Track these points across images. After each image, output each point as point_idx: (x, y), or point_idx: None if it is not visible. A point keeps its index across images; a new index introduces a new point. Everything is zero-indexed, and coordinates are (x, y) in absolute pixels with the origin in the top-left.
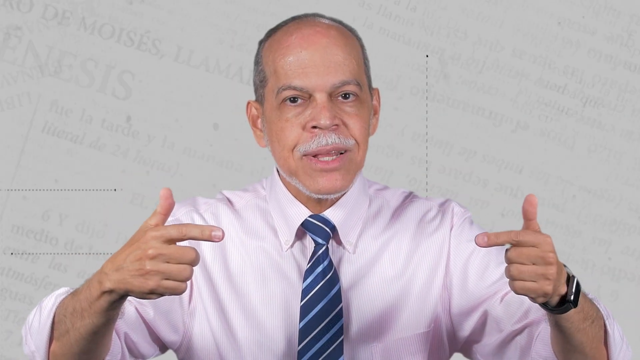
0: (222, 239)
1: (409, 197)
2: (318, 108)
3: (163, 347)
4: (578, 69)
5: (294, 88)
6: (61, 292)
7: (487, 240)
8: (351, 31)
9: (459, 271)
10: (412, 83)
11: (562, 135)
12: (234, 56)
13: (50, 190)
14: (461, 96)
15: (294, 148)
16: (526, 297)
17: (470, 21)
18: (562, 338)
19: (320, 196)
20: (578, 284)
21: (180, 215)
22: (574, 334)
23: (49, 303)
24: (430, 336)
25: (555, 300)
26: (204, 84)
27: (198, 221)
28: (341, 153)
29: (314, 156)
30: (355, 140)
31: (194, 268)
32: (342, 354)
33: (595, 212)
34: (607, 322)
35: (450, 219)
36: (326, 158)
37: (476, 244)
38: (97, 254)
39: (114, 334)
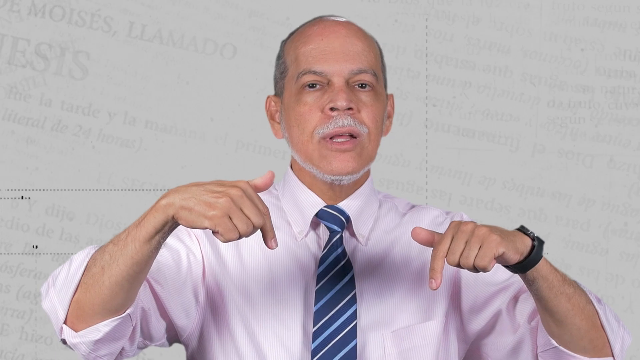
0: (274, 248)
1: (416, 206)
2: (336, 90)
3: (171, 336)
4: (589, 86)
5: (314, 72)
6: (96, 246)
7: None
8: (373, 38)
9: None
10: (424, 116)
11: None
12: (186, 26)
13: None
14: (475, 125)
15: (313, 131)
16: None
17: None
18: (547, 309)
19: (333, 177)
20: (539, 239)
21: None
22: (560, 298)
23: (82, 254)
24: (440, 329)
25: (525, 251)
26: (159, 57)
27: None
28: (354, 138)
29: (330, 138)
30: (368, 128)
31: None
32: (355, 337)
33: (619, 228)
34: (596, 305)
35: (460, 218)
36: (340, 139)
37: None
38: (65, 237)
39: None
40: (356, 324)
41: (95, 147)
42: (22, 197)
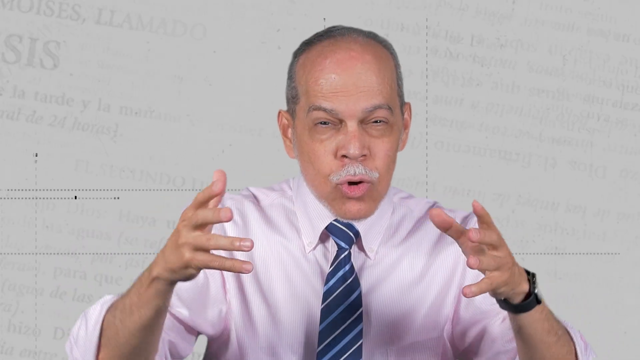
0: (252, 248)
1: (433, 207)
2: (349, 136)
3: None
4: (597, 97)
5: (324, 110)
6: (107, 300)
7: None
8: (386, 47)
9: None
10: (437, 138)
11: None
12: (155, 10)
13: None
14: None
15: (327, 176)
16: None
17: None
18: (526, 350)
19: (345, 220)
20: (537, 295)
21: None
22: (538, 346)
23: (95, 311)
24: (442, 341)
25: (518, 298)
26: (129, 42)
27: None
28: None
29: (342, 183)
30: (379, 173)
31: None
32: (360, 356)
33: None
34: (579, 356)
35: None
36: (352, 186)
37: (463, 294)
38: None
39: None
40: (362, 343)
41: (72, 135)
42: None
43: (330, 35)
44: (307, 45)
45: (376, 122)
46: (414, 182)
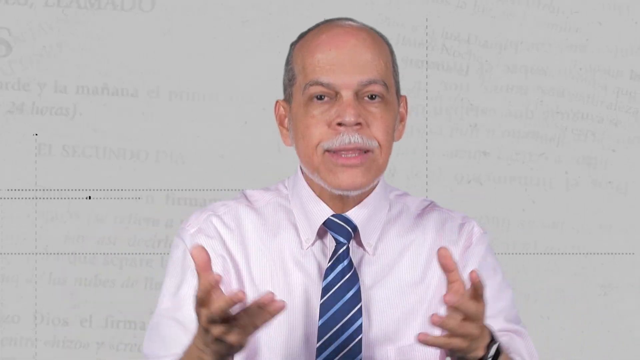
0: (244, 298)
1: (430, 206)
2: (344, 105)
3: None
4: (611, 115)
5: (321, 84)
6: None
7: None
8: (382, 37)
9: None
10: (456, 171)
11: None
12: None
13: None
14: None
15: (317, 145)
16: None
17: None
18: None
19: (340, 192)
20: (498, 352)
21: (202, 223)
22: None
23: None
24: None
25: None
26: (79, 21)
27: (218, 224)
28: (364, 152)
29: (337, 152)
30: (378, 142)
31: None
32: (360, 352)
33: None
34: None
35: (467, 237)
36: (348, 154)
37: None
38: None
39: None
40: (361, 338)
41: (31, 119)
42: None
43: (326, 21)
44: (304, 33)
45: (372, 97)
46: (415, 182)
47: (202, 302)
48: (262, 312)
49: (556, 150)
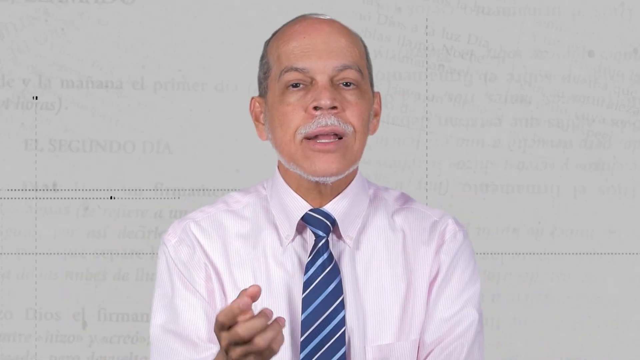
0: (254, 299)
1: (408, 202)
2: (319, 89)
3: None
4: (615, 118)
5: (296, 69)
6: None
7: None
8: (357, 35)
9: (435, 290)
10: (466, 180)
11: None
12: None
13: None
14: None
15: (295, 131)
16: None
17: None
18: None
19: (317, 179)
20: None
21: (180, 232)
22: None
23: None
24: (416, 347)
25: None
26: (51, 13)
27: (197, 231)
28: (339, 138)
29: (314, 138)
30: (353, 127)
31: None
32: (344, 344)
33: None
34: None
35: (440, 235)
36: (324, 140)
37: None
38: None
39: None
40: (345, 330)
41: (17, 115)
42: None
43: (300, 17)
44: (277, 30)
45: (347, 85)
46: (415, 183)
47: (223, 325)
48: (274, 332)
49: (562, 156)
